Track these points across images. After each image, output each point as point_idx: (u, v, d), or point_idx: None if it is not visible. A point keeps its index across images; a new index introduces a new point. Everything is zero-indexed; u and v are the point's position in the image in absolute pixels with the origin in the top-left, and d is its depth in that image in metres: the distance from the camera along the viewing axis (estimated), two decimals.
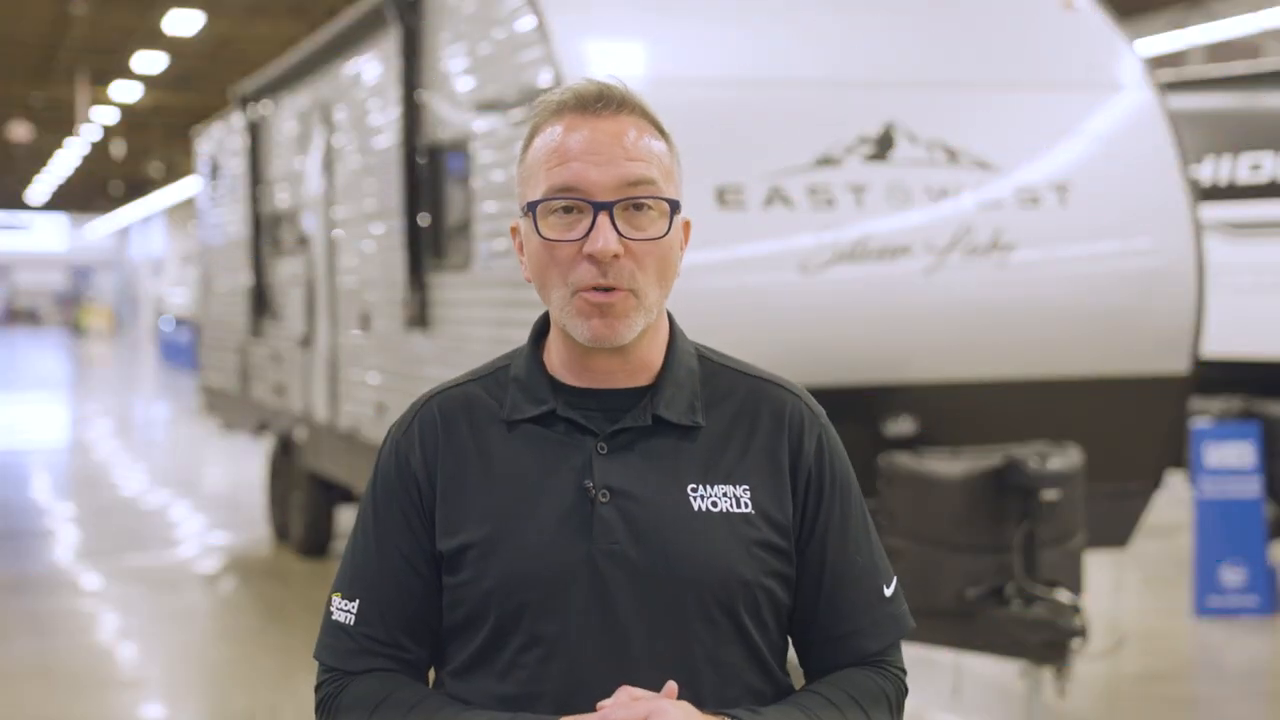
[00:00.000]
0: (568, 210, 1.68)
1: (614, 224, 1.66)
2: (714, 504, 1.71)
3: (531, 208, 1.70)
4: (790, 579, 1.76)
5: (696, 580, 1.69)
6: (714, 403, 1.77)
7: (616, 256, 1.66)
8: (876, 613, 1.80)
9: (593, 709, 1.64)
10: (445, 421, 1.77)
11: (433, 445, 1.76)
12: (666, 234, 1.70)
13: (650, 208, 1.69)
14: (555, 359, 1.77)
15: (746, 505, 1.72)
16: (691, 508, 1.70)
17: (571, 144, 1.68)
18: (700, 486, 1.71)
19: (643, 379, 1.75)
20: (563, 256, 1.68)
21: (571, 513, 1.69)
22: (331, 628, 1.78)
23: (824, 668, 1.80)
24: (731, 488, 1.72)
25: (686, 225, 1.77)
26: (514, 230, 1.79)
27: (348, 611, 1.77)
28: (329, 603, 1.81)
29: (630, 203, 1.67)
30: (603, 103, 1.70)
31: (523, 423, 1.74)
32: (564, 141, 1.69)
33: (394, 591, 1.75)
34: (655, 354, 1.76)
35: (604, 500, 1.69)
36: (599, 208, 1.66)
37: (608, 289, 1.67)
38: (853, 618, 1.79)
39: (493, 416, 1.76)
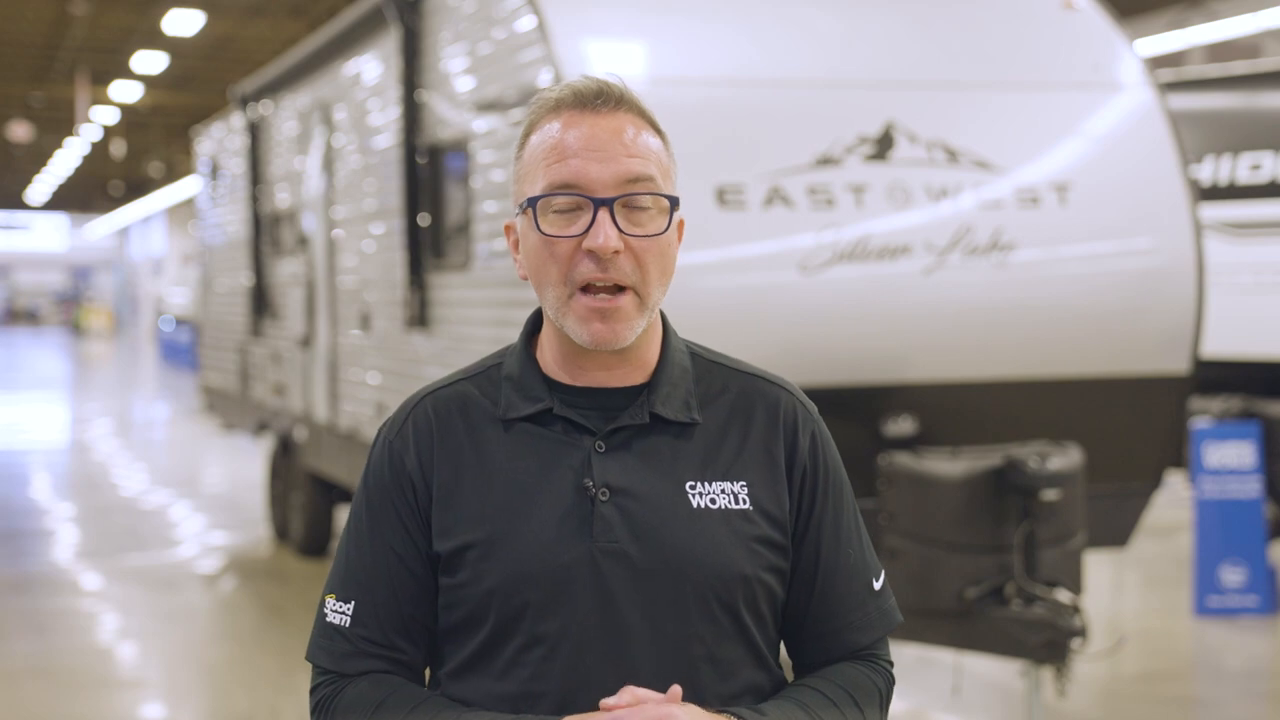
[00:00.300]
0: (567, 207, 1.68)
1: (614, 220, 1.66)
2: (712, 501, 1.71)
3: (531, 203, 1.70)
4: (786, 574, 1.77)
5: (696, 577, 1.69)
6: (708, 400, 1.77)
7: (617, 253, 1.66)
8: (868, 607, 1.82)
9: (594, 707, 1.64)
10: (439, 421, 1.76)
11: (428, 446, 1.75)
12: (665, 231, 1.70)
13: (649, 205, 1.69)
14: (549, 357, 1.77)
15: (744, 502, 1.72)
16: (690, 505, 1.71)
17: (570, 140, 1.68)
18: (698, 484, 1.72)
19: (638, 377, 1.75)
20: (562, 252, 1.68)
21: (571, 511, 1.69)
22: (326, 629, 1.78)
23: (814, 660, 1.82)
24: (729, 484, 1.73)
25: (680, 224, 1.77)
26: (508, 229, 1.79)
27: (343, 613, 1.76)
28: (322, 604, 1.79)
29: (630, 198, 1.67)
30: (601, 99, 1.70)
31: (519, 421, 1.74)
32: (563, 138, 1.69)
33: (389, 593, 1.75)
34: (650, 352, 1.76)
35: (603, 499, 1.69)
36: (599, 204, 1.66)
37: (612, 294, 1.67)
38: (844, 612, 1.80)
39: (488, 415, 1.76)
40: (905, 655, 6.73)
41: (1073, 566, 5.21)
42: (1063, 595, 5.16)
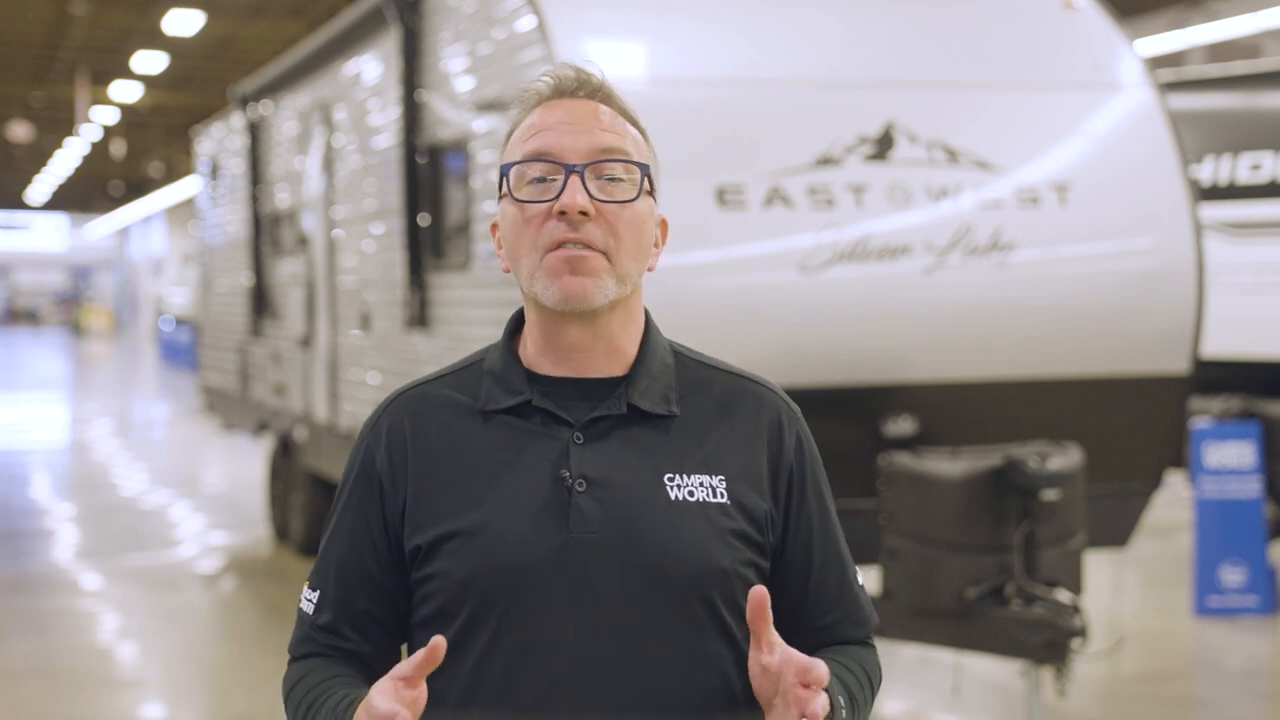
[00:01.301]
0: (541, 180, 1.71)
1: (585, 187, 1.69)
2: (690, 493, 1.71)
3: (505, 171, 1.73)
4: (764, 570, 1.77)
5: (673, 568, 1.69)
6: (690, 394, 1.78)
7: (585, 214, 1.68)
8: (860, 601, 1.85)
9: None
10: (414, 418, 1.78)
11: (400, 443, 1.76)
12: (636, 198, 1.72)
13: (622, 177, 1.71)
14: (530, 348, 1.78)
15: (722, 496, 1.72)
16: (668, 497, 1.71)
17: (547, 120, 1.73)
18: (677, 476, 1.72)
19: (617, 369, 1.76)
20: (533, 214, 1.70)
21: (548, 502, 1.69)
22: (298, 616, 1.83)
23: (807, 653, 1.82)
24: (708, 477, 1.73)
25: (664, 225, 1.80)
26: (494, 228, 1.81)
27: (310, 601, 1.81)
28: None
29: (603, 165, 1.70)
30: (581, 88, 1.75)
31: (498, 414, 1.75)
32: (541, 119, 1.74)
33: (344, 584, 1.78)
34: (628, 343, 1.77)
35: (580, 489, 1.69)
36: (570, 170, 1.69)
37: (579, 247, 1.68)
38: (838, 606, 1.83)
39: (466, 410, 1.77)
40: (905, 655, 6.73)
41: (1073, 566, 5.21)
42: (1063, 595, 5.16)
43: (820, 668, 1.59)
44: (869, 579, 5.54)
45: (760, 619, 1.60)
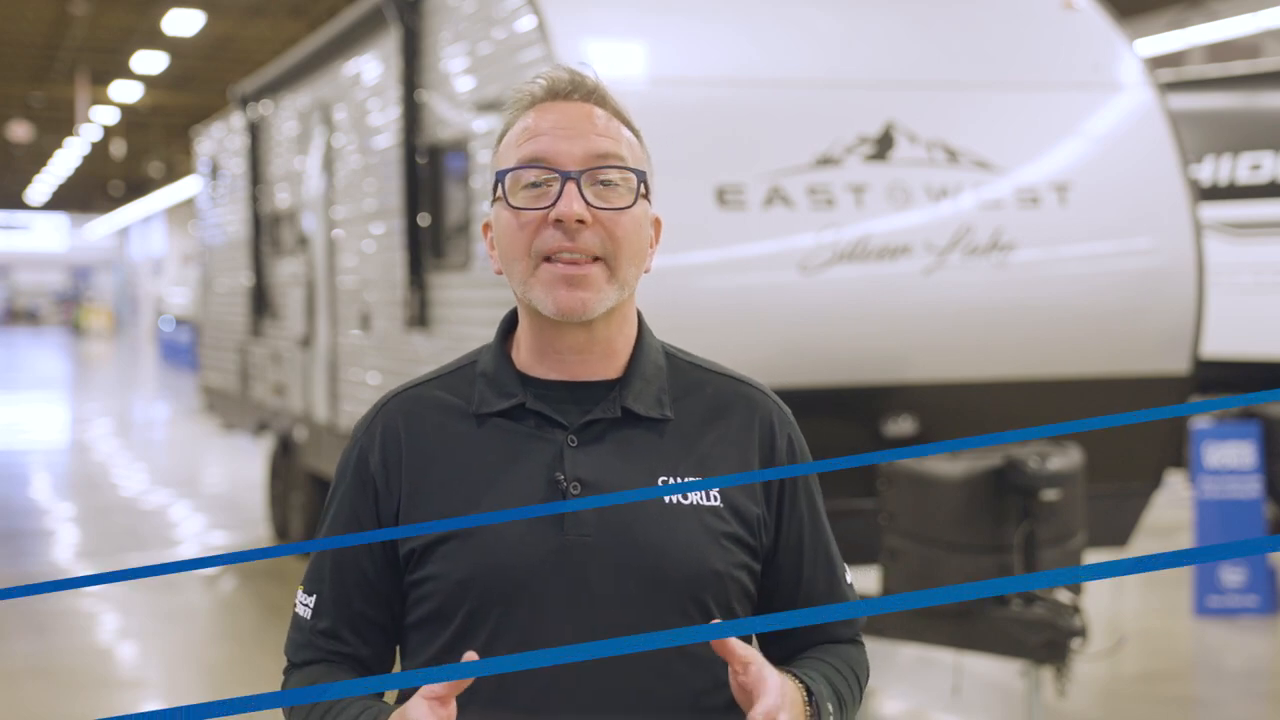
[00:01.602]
0: (536, 185, 1.70)
1: (581, 193, 1.68)
2: (684, 496, 1.72)
3: (500, 177, 1.72)
4: (756, 572, 1.78)
5: (667, 571, 1.70)
6: (683, 397, 1.78)
7: (582, 222, 1.67)
8: (848, 598, 1.86)
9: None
10: (408, 419, 1.78)
11: (394, 445, 1.76)
12: (633, 204, 1.71)
13: (618, 182, 1.71)
14: (523, 351, 1.78)
15: (715, 498, 1.73)
16: (662, 500, 1.71)
17: (541, 124, 1.73)
18: (670, 479, 1.73)
19: (611, 372, 1.76)
20: (529, 221, 1.69)
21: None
22: (293, 621, 1.83)
23: (795, 652, 1.83)
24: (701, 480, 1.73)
25: (658, 224, 1.79)
26: (486, 228, 1.81)
27: (306, 605, 1.81)
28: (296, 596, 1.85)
29: (598, 171, 1.69)
30: (574, 90, 1.75)
31: (491, 416, 1.75)
32: (535, 123, 1.73)
33: (340, 587, 1.78)
34: (623, 345, 1.77)
35: (575, 492, 1.70)
36: (566, 176, 1.68)
37: (575, 260, 1.68)
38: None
39: (459, 413, 1.77)
40: (905, 655, 6.73)
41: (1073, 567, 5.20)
42: (1063, 595, 5.17)
43: (771, 699, 1.59)
44: (869, 579, 5.55)
45: (723, 652, 1.61)
